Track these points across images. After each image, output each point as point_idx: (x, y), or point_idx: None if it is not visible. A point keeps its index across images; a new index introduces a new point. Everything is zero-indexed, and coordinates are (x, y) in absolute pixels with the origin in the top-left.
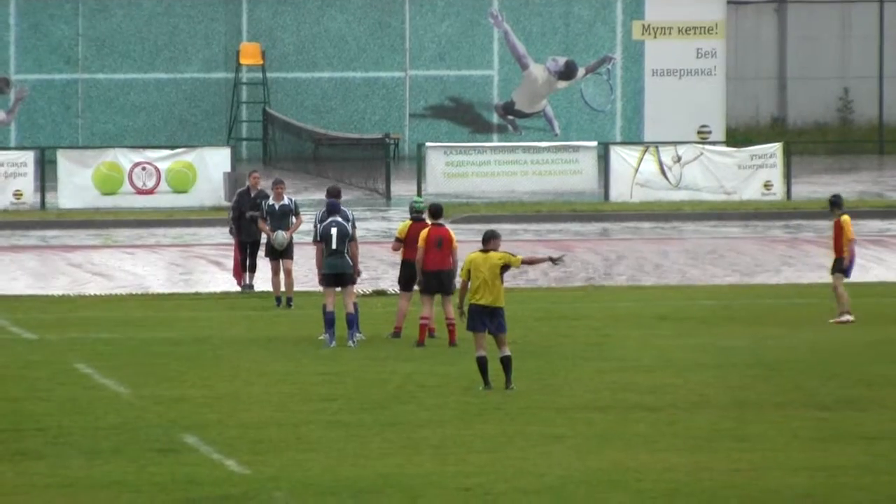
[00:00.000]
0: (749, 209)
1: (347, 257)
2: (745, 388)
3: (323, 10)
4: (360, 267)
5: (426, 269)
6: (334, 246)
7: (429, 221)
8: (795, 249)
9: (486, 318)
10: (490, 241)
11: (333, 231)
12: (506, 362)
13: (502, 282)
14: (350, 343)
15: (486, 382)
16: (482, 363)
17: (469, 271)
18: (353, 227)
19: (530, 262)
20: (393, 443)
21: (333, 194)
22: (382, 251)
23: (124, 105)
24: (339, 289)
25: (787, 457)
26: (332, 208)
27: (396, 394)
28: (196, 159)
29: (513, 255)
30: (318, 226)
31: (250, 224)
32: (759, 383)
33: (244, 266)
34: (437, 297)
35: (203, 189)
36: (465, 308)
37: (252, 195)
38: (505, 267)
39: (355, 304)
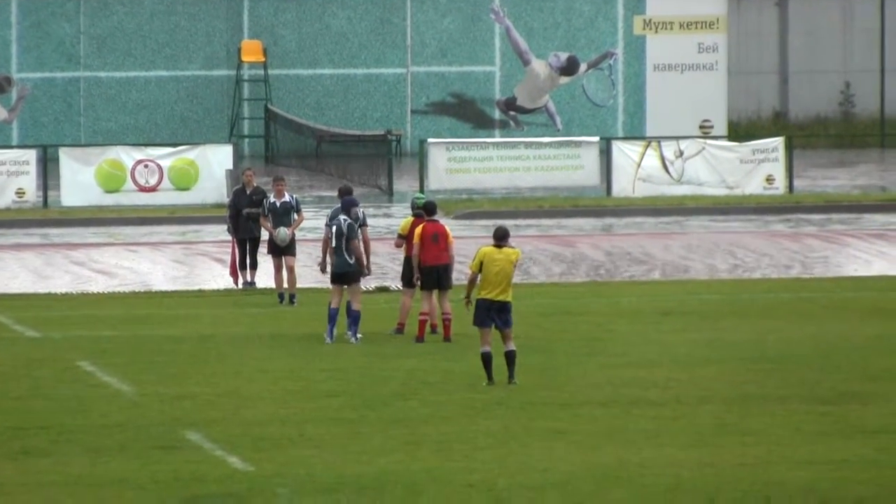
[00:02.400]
0: (751, 203)
1: (346, 255)
2: (749, 382)
3: (324, 6)
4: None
5: (424, 265)
6: (334, 244)
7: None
8: (798, 243)
9: (494, 313)
10: (505, 237)
11: (334, 229)
12: (510, 357)
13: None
14: (352, 339)
15: (490, 378)
16: (487, 358)
17: (481, 264)
18: (363, 225)
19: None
20: (396, 439)
21: (346, 192)
22: (385, 248)
23: (126, 103)
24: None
25: (790, 451)
26: (345, 205)
27: (399, 390)
28: (198, 157)
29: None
30: (331, 222)
31: (247, 221)
32: (763, 377)
33: (243, 264)
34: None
35: (205, 186)
36: (473, 301)
37: (248, 192)
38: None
39: (356, 303)
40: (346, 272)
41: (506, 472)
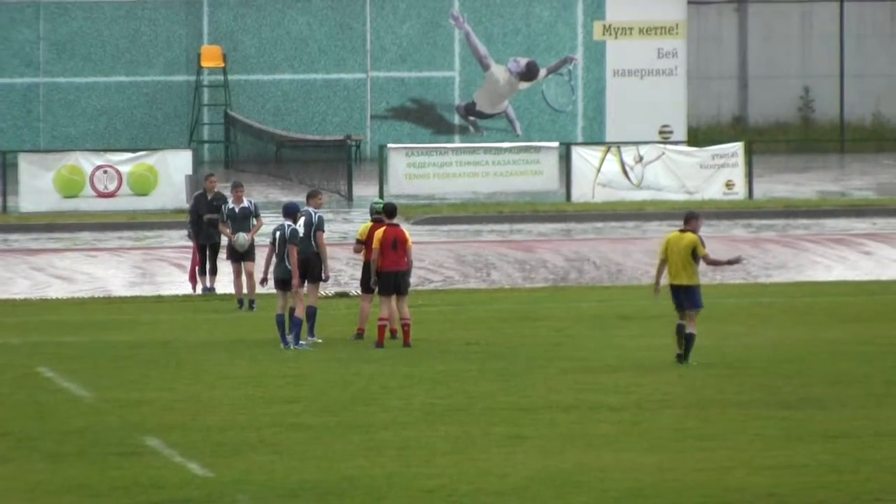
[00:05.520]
0: (711, 208)
1: (286, 261)
2: (709, 387)
3: (284, 12)
4: (301, 271)
5: (382, 270)
6: (276, 250)
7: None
8: (757, 248)
9: (682, 296)
10: (690, 220)
11: (277, 235)
12: (688, 339)
13: (696, 262)
14: (300, 344)
15: (679, 348)
16: (677, 330)
17: (666, 251)
18: (319, 229)
19: (713, 262)
20: (356, 445)
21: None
22: (344, 253)
23: (86, 108)
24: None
25: (750, 456)
26: (285, 211)
27: (359, 395)
28: (158, 162)
29: (703, 245)
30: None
31: (208, 227)
32: (723, 382)
33: (203, 270)
34: (394, 297)
35: (165, 192)
36: (661, 286)
37: (209, 198)
38: (694, 250)
39: (299, 308)
40: (288, 279)
41: (466, 478)
